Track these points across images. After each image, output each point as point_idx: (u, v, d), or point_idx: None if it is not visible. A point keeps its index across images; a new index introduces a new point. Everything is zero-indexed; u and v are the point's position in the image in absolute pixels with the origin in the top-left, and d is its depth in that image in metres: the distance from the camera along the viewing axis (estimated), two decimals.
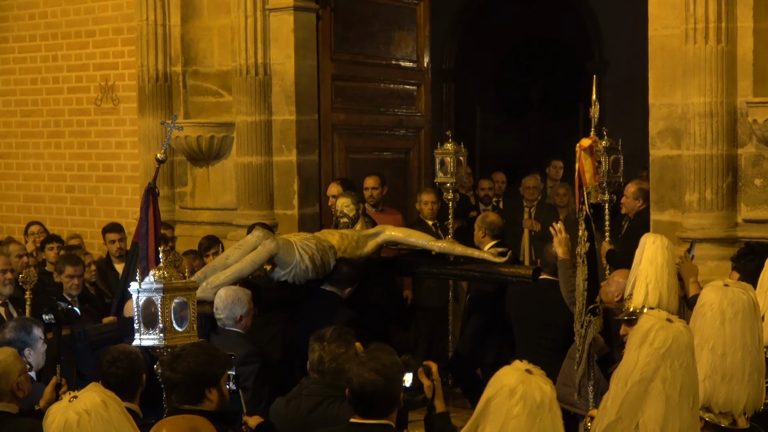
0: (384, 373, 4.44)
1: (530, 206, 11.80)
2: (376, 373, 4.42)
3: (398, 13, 11.58)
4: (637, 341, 3.24)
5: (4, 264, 8.11)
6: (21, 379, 5.43)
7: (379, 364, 4.47)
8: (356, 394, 4.45)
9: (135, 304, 5.72)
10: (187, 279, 5.85)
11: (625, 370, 3.22)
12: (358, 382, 4.42)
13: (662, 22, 8.53)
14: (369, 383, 4.40)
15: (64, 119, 12.42)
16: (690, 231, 8.29)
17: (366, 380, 4.41)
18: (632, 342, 3.26)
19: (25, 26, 12.65)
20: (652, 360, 3.19)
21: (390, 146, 11.60)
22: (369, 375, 4.41)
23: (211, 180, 11.03)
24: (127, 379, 5.21)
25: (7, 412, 5.36)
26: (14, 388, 5.41)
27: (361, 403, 4.44)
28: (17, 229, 12.12)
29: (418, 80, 11.84)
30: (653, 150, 8.65)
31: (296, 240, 7.83)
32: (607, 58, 16.96)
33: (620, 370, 3.24)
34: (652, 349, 3.20)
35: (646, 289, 5.35)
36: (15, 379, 5.41)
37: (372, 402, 4.42)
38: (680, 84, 8.41)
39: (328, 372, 5.25)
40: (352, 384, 4.46)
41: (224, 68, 10.87)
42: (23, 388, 5.46)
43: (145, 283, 5.73)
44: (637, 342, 3.24)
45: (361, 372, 4.44)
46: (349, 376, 4.49)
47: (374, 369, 4.43)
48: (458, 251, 8.31)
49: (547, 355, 7.36)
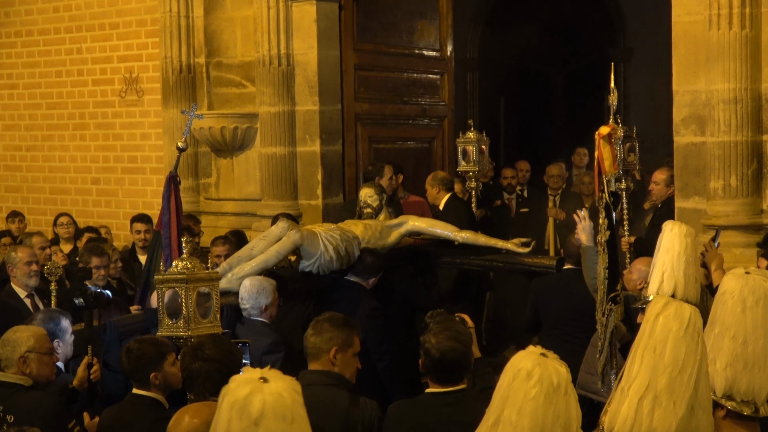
0: (461, 340, 4.70)
1: (555, 195, 11.76)
2: (455, 341, 4.66)
3: (421, 2, 11.57)
4: (682, 328, 3.24)
5: (30, 256, 8.14)
6: (30, 356, 5.41)
7: (454, 332, 4.72)
8: (436, 363, 4.65)
9: (158, 294, 5.75)
10: (210, 269, 5.86)
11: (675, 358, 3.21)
12: (439, 351, 4.62)
13: (686, 8, 8.48)
14: (449, 350, 4.63)
15: (89, 111, 12.48)
16: (715, 218, 8.25)
17: (446, 348, 4.63)
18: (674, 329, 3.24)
19: (50, 19, 12.71)
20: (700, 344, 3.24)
21: (413, 136, 11.60)
22: (449, 343, 4.64)
23: (235, 171, 11.06)
24: (143, 367, 5.21)
25: (19, 384, 5.39)
26: (19, 361, 5.41)
27: (442, 370, 4.65)
28: (44, 221, 12.19)
29: (441, 69, 11.83)
30: (677, 137, 8.61)
31: (320, 231, 7.84)
32: (631, 45, 16.86)
33: (666, 359, 3.22)
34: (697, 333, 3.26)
35: (661, 277, 5.31)
36: (21, 351, 5.41)
37: (453, 369, 4.63)
38: (704, 70, 8.36)
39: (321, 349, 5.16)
40: (431, 354, 4.64)
41: (247, 59, 10.89)
42: (31, 366, 5.43)
43: (168, 273, 5.75)
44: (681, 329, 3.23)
45: (440, 341, 4.65)
46: (427, 347, 4.67)
47: (452, 337, 4.67)
48: (482, 241, 8.30)
49: (574, 344, 7.36)
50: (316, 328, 5.13)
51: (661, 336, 3.23)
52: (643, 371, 3.21)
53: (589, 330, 7.08)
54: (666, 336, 3.23)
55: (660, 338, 3.22)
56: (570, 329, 7.51)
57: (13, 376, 5.42)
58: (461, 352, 4.68)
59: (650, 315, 3.33)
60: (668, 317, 3.27)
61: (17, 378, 5.42)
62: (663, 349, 3.21)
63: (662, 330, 3.24)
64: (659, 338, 3.22)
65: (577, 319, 7.41)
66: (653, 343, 3.23)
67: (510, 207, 12.06)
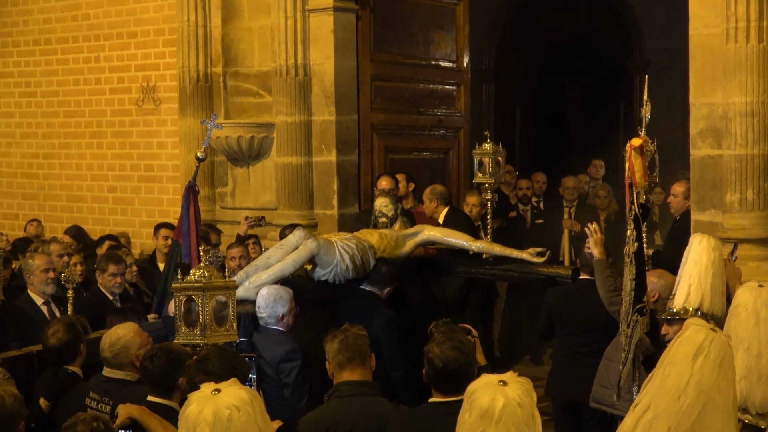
0: (465, 350, 4.71)
1: (570, 206, 11.76)
2: (458, 351, 4.67)
3: (437, 13, 11.58)
4: (690, 353, 3.20)
5: (47, 263, 8.16)
6: (141, 352, 5.64)
7: (457, 342, 4.74)
8: (439, 373, 4.66)
9: (175, 302, 5.77)
10: (227, 278, 5.88)
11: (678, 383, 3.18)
12: (442, 360, 4.64)
13: (703, 21, 8.48)
14: (452, 360, 4.64)
15: (106, 120, 12.54)
16: (731, 231, 8.24)
17: (449, 358, 4.64)
18: (683, 353, 3.21)
19: (68, 28, 12.78)
20: (708, 372, 3.16)
21: (429, 146, 11.61)
22: (452, 353, 4.66)
23: (251, 180, 11.10)
24: (164, 376, 5.24)
25: (127, 380, 5.68)
26: (134, 360, 5.67)
27: (445, 380, 4.66)
28: (60, 228, 12.23)
29: (457, 80, 11.84)
30: (694, 150, 8.60)
31: (336, 240, 7.86)
32: (648, 57, 16.85)
33: (669, 382, 3.19)
34: (709, 361, 3.17)
35: (688, 290, 5.31)
36: (134, 352, 5.68)
37: (455, 379, 4.62)
38: (721, 83, 8.35)
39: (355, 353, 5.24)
40: (434, 364, 4.66)
41: (264, 69, 10.93)
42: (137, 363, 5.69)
43: (185, 281, 5.77)
44: (690, 354, 3.19)
45: (443, 350, 4.67)
46: (430, 357, 4.69)
47: (455, 347, 4.69)
48: (497, 251, 8.31)
49: (585, 355, 7.36)
50: (346, 337, 5.22)
51: (673, 358, 3.22)
52: (650, 390, 3.21)
53: (602, 341, 7.08)
54: (675, 359, 3.21)
55: (671, 360, 3.22)
56: (583, 339, 7.49)
57: (121, 373, 5.71)
58: (464, 362, 4.69)
59: (678, 334, 3.32)
60: (683, 340, 3.26)
61: (125, 374, 5.70)
62: (670, 372, 3.19)
63: (675, 352, 3.23)
64: (671, 360, 3.22)
65: (590, 330, 7.40)
66: (666, 363, 3.23)
67: (525, 218, 12.06)
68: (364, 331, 5.36)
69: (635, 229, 5.93)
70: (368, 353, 5.29)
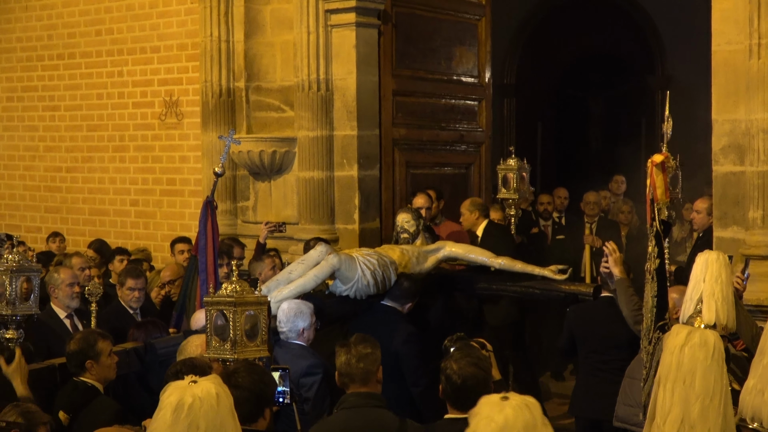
0: (482, 366, 4.74)
1: (591, 222, 11.74)
2: (476, 367, 4.69)
3: (459, 28, 11.61)
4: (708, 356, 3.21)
5: (72, 277, 8.19)
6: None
7: (475, 358, 4.76)
8: (457, 388, 4.66)
9: (206, 316, 5.77)
10: (258, 293, 5.88)
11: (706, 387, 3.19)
12: (461, 377, 4.65)
13: (725, 38, 8.46)
14: (471, 377, 4.66)
15: (128, 134, 12.59)
16: (753, 248, 8.20)
17: (468, 374, 4.66)
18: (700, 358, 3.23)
19: (92, 42, 12.85)
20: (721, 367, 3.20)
21: (450, 161, 11.62)
22: (470, 369, 4.68)
23: (273, 194, 11.12)
24: None
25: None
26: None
27: (462, 396, 4.64)
28: (82, 242, 12.28)
29: (479, 95, 11.85)
30: (716, 166, 8.57)
31: (358, 255, 7.87)
32: (670, 73, 16.82)
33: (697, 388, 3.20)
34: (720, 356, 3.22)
35: (715, 306, 5.30)
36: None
37: (473, 395, 4.54)
38: (744, 99, 8.32)
39: (357, 375, 5.27)
40: (452, 380, 4.67)
41: (286, 84, 10.96)
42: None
43: (217, 295, 5.77)
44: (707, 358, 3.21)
45: (461, 367, 4.68)
46: (448, 373, 4.70)
47: (473, 363, 4.71)
48: (518, 268, 8.31)
49: (607, 373, 7.34)
50: (355, 353, 5.21)
51: (689, 366, 3.23)
52: (676, 404, 3.21)
53: (624, 359, 7.06)
54: (694, 366, 3.23)
55: (688, 369, 3.23)
56: (604, 357, 7.48)
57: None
58: (482, 378, 4.71)
59: (674, 346, 3.33)
60: (694, 347, 3.27)
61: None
62: (692, 380, 3.21)
63: (690, 360, 3.24)
64: (688, 369, 3.23)
65: (612, 347, 7.39)
66: (682, 375, 3.24)
67: (546, 234, 12.05)
68: (369, 348, 5.33)
69: (656, 246, 5.93)
70: (374, 369, 5.27)
